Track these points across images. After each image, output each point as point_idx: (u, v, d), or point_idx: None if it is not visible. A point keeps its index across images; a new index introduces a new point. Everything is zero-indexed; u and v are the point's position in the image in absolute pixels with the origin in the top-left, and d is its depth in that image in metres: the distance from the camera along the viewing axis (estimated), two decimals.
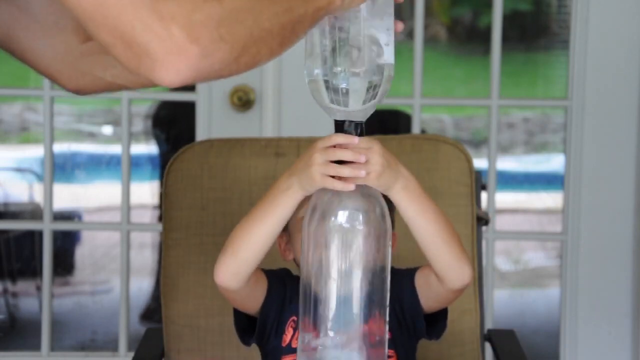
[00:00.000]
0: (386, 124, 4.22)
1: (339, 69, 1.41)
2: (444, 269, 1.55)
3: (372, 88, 1.43)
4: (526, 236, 4.95)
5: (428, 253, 1.54)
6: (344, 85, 1.42)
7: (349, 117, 1.43)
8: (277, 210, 1.50)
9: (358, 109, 1.43)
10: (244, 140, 2.19)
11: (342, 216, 1.43)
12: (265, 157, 2.14)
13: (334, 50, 1.41)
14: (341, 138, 1.43)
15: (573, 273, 3.06)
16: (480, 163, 2.93)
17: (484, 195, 2.34)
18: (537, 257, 5.47)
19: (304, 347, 1.46)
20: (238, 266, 1.55)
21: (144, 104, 4.97)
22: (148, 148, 4.64)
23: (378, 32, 1.42)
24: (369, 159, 1.43)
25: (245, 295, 1.63)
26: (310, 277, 1.44)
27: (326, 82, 1.42)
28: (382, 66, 1.43)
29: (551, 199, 5.60)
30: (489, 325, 3.02)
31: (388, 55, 1.43)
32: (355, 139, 1.43)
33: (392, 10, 1.43)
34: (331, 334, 1.44)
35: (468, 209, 2.13)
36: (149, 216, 4.70)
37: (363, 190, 1.45)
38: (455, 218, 2.11)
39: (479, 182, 2.18)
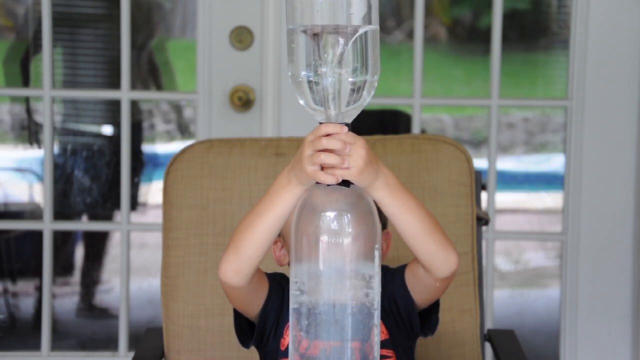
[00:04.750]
0: (386, 124, 4.22)
1: (323, 70, 1.41)
2: (430, 260, 1.55)
3: (356, 90, 1.43)
4: (526, 236, 4.95)
5: (413, 246, 1.54)
6: (327, 87, 1.42)
7: (332, 119, 1.43)
8: (278, 205, 1.50)
9: (342, 110, 1.43)
10: (244, 140, 2.19)
11: (330, 216, 1.43)
12: (265, 157, 2.14)
13: (317, 52, 1.41)
14: (330, 127, 1.43)
15: (573, 273, 3.06)
16: (480, 163, 2.93)
17: (484, 195, 2.34)
18: (537, 257, 5.46)
19: (295, 347, 1.46)
20: (241, 263, 1.55)
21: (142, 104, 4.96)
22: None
23: (363, 34, 1.42)
24: (352, 153, 1.43)
25: (247, 294, 1.63)
26: (299, 278, 1.45)
27: (310, 83, 1.42)
28: (367, 67, 1.43)
29: (551, 199, 5.60)
30: (489, 325, 3.02)
31: (373, 56, 1.43)
32: (344, 128, 1.43)
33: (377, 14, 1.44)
34: (320, 333, 1.44)
35: (468, 209, 2.13)
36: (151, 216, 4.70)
37: (352, 191, 1.45)
38: (455, 218, 2.11)
39: (479, 182, 2.19)
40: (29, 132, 4.27)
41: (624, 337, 3.06)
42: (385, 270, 1.61)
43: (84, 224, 4.25)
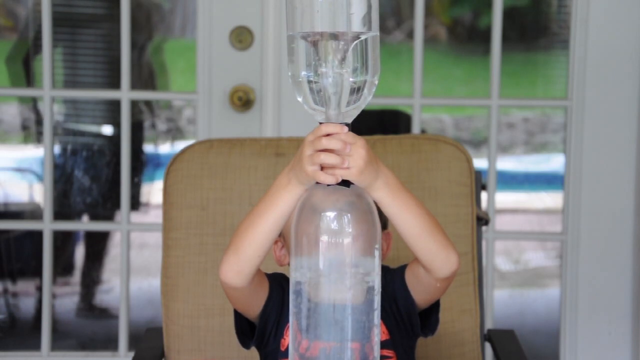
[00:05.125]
0: (386, 124, 4.22)
1: (323, 70, 1.41)
2: (430, 260, 1.55)
3: (356, 90, 1.43)
4: (526, 236, 4.95)
5: (413, 246, 1.54)
6: (327, 87, 1.41)
7: (332, 119, 1.43)
8: (278, 205, 1.50)
9: (342, 110, 1.43)
10: (244, 140, 2.19)
11: (330, 216, 1.43)
12: (265, 157, 2.14)
13: (317, 52, 1.41)
14: (330, 127, 1.43)
15: (573, 273, 3.06)
16: (480, 163, 2.93)
17: (484, 195, 2.34)
18: (537, 257, 5.46)
19: (295, 347, 1.46)
20: (241, 263, 1.55)
21: None
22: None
23: (364, 34, 1.42)
24: (353, 153, 1.43)
25: (248, 294, 1.63)
26: (299, 278, 1.44)
27: (310, 83, 1.42)
28: (366, 67, 1.42)
29: (551, 199, 5.60)
30: (489, 325, 3.02)
31: (373, 56, 1.43)
32: (344, 128, 1.43)
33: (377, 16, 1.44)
34: (320, 333, 1.44)
35: (468, 209, 2.13)
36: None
37: (352, 191, 1.45)
38: (455, 218, 2.11)
39: (479, 182, 2.18)
40: (37, 131, 4.27)
41: (624, 337, 3.06)
42: (385, 270, 1.60)
43: (84, 224, 4.25)
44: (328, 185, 1.44)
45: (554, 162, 5.76)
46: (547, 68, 5.12)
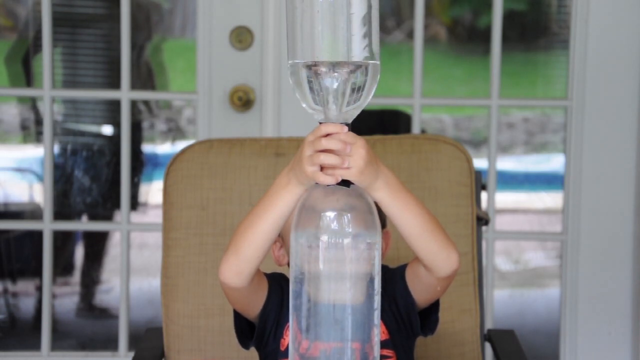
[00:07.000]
0: (386, 124, 4.22)
1: (323, 70, 1.41)
2: (431, 259, 1.55)
3: (356, 90, 1.43)
4: (526, 236, 4.94)
5: (414, 246, 1.54)
6: (327, 87, 1.41)
7: (332, 119, 1.43)
8: (278, 206, 1.50)
9: (342, 110, 1.43)
10: (244, 140, 2.19)
11: (330, 216, 1.43)
12: (265, 157, 2.14)
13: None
14: (330, 127, 1.43)
15: (573, 273, 3.06)
16: (480, 163, 2.93)
17: (484, 195, 2.34)
18: (537, 257, 5.46)
19: (296, 347, 1.46)
20: (241, 264, 1.55)
21: None
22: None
23: (363, 34, 1.42)
24: (353, 153, 1.43)
25: (247, 295, 1.63)
26: (298, 278, 1.44)
27: (310, 83, 1.42)
28: (366, 67, 1.42)
29: (551, 199, 5.60)
30: (489, 325, 3.02)
31: (373, 56, 1.43)
32: (344, 128, 1.43)
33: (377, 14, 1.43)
34: (320, 334, 1.44)
35: (468, 209, 2.13)
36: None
37: (352, 191, 1.44)
38: (455, 218, 2.11)
39: (479, 182, 2.18)
40: (37, 131, 4.27)
41: (624, 337, 3.06)
42: (385, 270, 1.60)
43: (84, 224, 4.25)
44: (328, 185, 1.44)
45: (554, 162, 5.76)
46: (547, 68, 5.12)
